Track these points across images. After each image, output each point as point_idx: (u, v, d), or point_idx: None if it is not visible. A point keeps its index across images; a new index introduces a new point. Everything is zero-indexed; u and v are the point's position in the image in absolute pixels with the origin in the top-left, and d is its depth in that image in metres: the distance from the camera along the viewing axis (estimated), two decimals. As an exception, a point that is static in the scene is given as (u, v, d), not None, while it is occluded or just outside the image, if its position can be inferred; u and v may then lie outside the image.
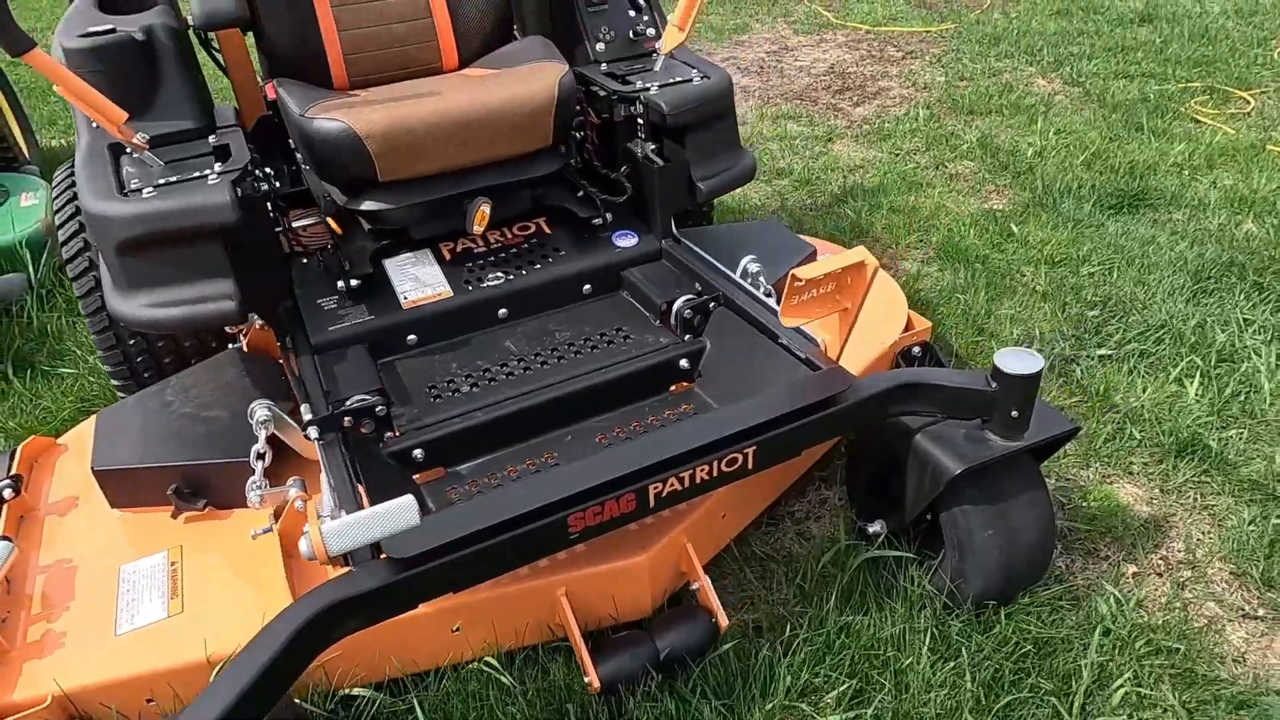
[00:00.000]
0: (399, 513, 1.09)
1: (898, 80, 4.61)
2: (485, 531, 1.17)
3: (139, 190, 1.50)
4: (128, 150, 1.60)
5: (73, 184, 1.87)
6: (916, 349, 1.98)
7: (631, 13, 2.10)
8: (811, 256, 2.08)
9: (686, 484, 1.30)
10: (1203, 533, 1.76)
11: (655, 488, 1.27)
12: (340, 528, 1.09)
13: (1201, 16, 5.25)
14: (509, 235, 1.92)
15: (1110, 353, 2.27)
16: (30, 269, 2.74)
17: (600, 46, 2.05)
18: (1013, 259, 2.74)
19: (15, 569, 1.46)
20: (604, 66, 2.00)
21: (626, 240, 1.93)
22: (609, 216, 1.94)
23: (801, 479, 1.88)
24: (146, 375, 1.94)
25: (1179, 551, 1.73)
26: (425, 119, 1.64)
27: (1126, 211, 3.00)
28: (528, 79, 1.76)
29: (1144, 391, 2.12)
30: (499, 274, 1.82)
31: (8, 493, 1.56)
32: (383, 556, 1.15)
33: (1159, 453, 1.95)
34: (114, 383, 1.99)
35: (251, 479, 1.41)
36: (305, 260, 1.84)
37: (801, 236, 2.36)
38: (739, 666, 1.46)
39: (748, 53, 5.30)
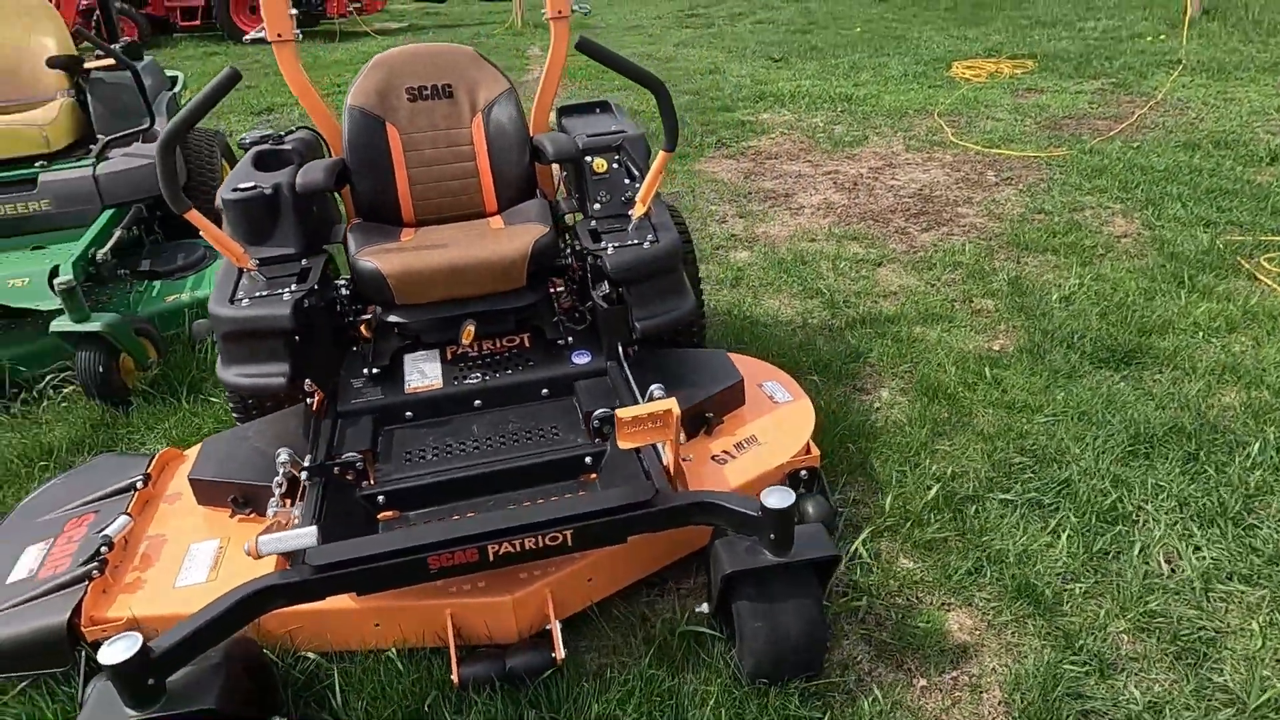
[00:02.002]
0: (303, 537, 1.75)
1: (978, 207, 4.89)
2: (371, 557, 1.80)
3: (241, 299, 2.30)
4: (246, 269, 2.42)
5: None
6: (804, 473, 2.42)
7: (627, 180, 2.72)
8: (737, 386, 2.57)
9: (518, 549, 1.86)
10: (1000, 664, 2.07)
11: (493, 547, 1.85)
12: (268, 539, 1.76)
13: (1339, 161, 5.10)
14: (497, 345, 2.58)
15: (1011, 499, 2.56)
16: (216, 318, 3.74)
17: (596, 207, 2.68)
18: (977, 400, 3.05)
19: (132, 535, 2.26)
20: (593, 223, 2.62)
21: (582, 358, 2.53)
22: (571, 339, 2.56)
23: (687, 563, 2.36)
24: (253, 413, 2.77)
25: (970, 676, 2.05)
26: (430, 265, 2.35)
27: (1113, 367, 3.20)
28: (513, 238, 2.43)
29: (1020, 537, 2.41)
30: (479, 374, 2.48)
31: (140, 484, 2.39)
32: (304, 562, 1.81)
33: (1001, 591, 2.25)
34: (234, 415, 2.84)
35: (271, 499, 2.13)
36: (355, 349, 2.59)
37: (752, 362, 2.85)
38: (565, 692, 1.98)
39: (852, 167, 5.75)
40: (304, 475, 2.11)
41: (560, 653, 1.97)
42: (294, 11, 2.80)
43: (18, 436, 3.18)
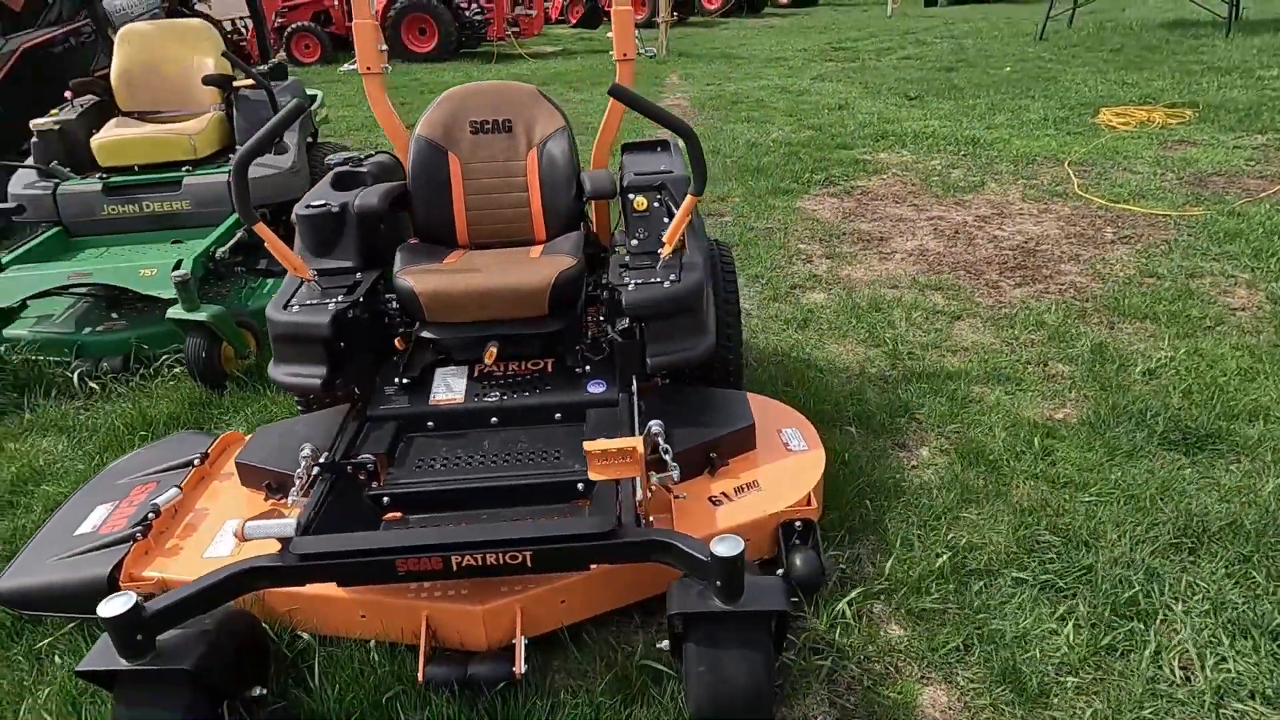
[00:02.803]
0: (283, 527, 1.94)
1: (1083, 265, 4.63)
2: (345, 553, 1.96)
3: (293, 306, 2.55)
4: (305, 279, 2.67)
5: None
6: (799, 524, 2.40)
7: (665, 219, 2.79)
8: (747, 430, 2.58)
9: (479, 563, 1.97)
10: (964, 750, 1.98)
11: (456, 558, 1.96)
12: (253, 525, 1.96)
13: None
14: (521, 367, 2.72)
15: (1024, 578, 2.44)
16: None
17: (634, 242, 2.77)
18: (1020, 471, 2.90)
19: (182, 506, 2.54)
20: (626, 258, 2.71)
21: (597, 387, 2.62)
22: (588, 368, 2.66)
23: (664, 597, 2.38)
24: (313, 406, 3.03)
25: (928, 756, 1.98)
26: (459, 288, 2.52)
27: (1183, 450, 2.96)
28: (540, 268, 2.56)
29: (1023, 619, 2.29)
30: (498, 393, 2.62)
31: (197, 461, 2.68)
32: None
33: (986, 673, 2.15)
34: (298, 406, 3.12)
35: (293, 488, 2.35)
36: (394, 359, 2.80)
37: (778, 406, 2.84)
38: (518, 706, 2.07)
39: (958, 214, 5.57)
40: (315, 470, 2.32)
41: (520, 668, 2.06)
42: (384, 48, 3.08)
43: (130, 406, 3.62)
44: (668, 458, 2.37)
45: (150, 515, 2.41)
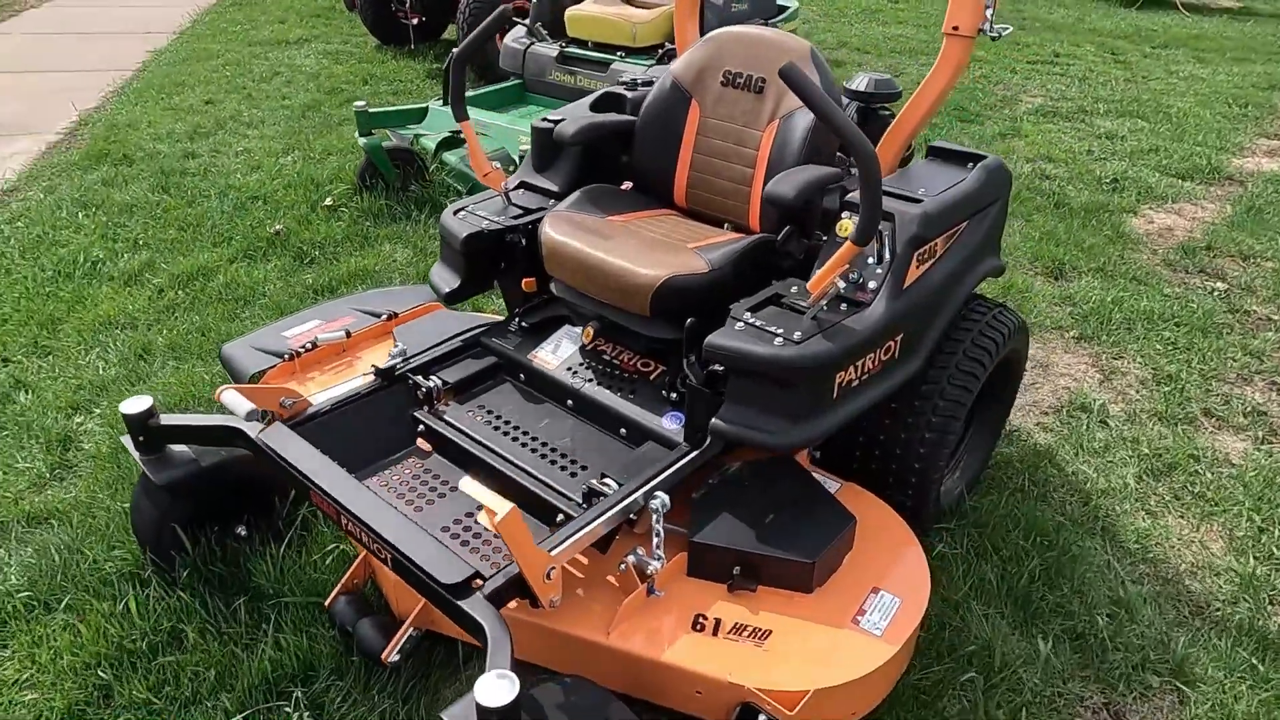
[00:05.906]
0: (239, 405, 2.01)
1: None
2: (282, 458, 1.96)
3: (462, 212, 2.53)
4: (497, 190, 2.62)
5: None
6: (763, 717, 1.73)
7: (870, 259, 2.05)
8: (803, 567, 1.88)
9: (358, 534, 1.82)
10: None
11: (345, 518, 1.83)
12: (228, 394, 2.06)
13: None
14: (627, 362, 2.33)
15: None
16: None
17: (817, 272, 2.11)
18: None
19: (348, 348, 2.81)
20: (794, 288, 2.07)
21: (672, 423, 2.14)
22: (675, 395, 2.17)
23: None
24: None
25: None
26: (574, 251, 2.20)
27: None
28: (663, 264, 2.10)
29: None
30: (585, 378, 2.31)
31: (384, 317, 2.93)
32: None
33: None
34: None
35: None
36: (543, 296, 2.62)
37: (913, 557, 2.02)
38: (370, 687, 1.95)
39: None
40: (372, 367, 2.36)
41: (389, 655, 1.93)
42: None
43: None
44: (656, 541, 1.89)
45: (308, 346, 2.74)
